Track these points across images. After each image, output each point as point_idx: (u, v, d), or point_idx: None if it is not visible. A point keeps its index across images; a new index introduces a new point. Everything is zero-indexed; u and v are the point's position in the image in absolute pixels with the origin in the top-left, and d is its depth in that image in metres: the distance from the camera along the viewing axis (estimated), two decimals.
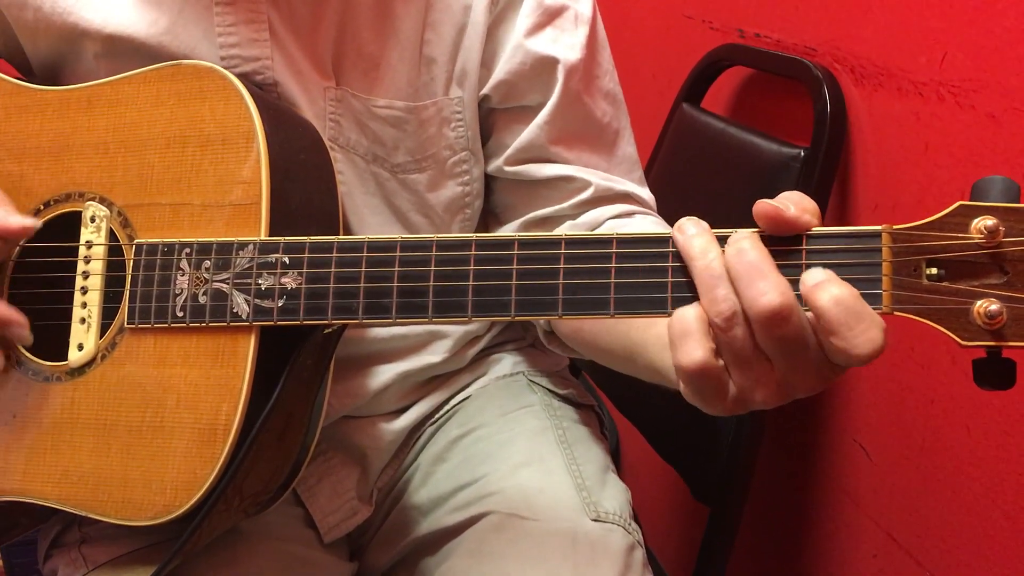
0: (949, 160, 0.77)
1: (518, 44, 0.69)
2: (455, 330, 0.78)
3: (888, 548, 0.88)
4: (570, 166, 0.71)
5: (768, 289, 0.43)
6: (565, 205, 0.71)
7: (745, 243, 0.45)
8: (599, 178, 0.71)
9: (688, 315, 0.45)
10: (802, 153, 0.87)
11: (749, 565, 1.11)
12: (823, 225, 0.47)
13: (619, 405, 1.07)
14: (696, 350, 0.44)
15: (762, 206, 0.46)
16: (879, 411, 0.88)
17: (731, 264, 0.45)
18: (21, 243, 0.64)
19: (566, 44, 0.71)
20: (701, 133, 1.02)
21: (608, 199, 0.72)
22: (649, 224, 0.71)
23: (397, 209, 0.72)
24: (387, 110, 0.69)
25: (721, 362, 0.45)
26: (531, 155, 0.72)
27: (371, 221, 0.72)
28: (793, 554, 1.03)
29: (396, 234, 0.72)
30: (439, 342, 0.78)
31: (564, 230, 0.71)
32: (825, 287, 0.43)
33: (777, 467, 1.04)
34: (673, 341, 0.45)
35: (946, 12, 0.76)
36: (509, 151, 0.72)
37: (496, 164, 0.73)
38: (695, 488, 0.91)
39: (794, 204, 0.46)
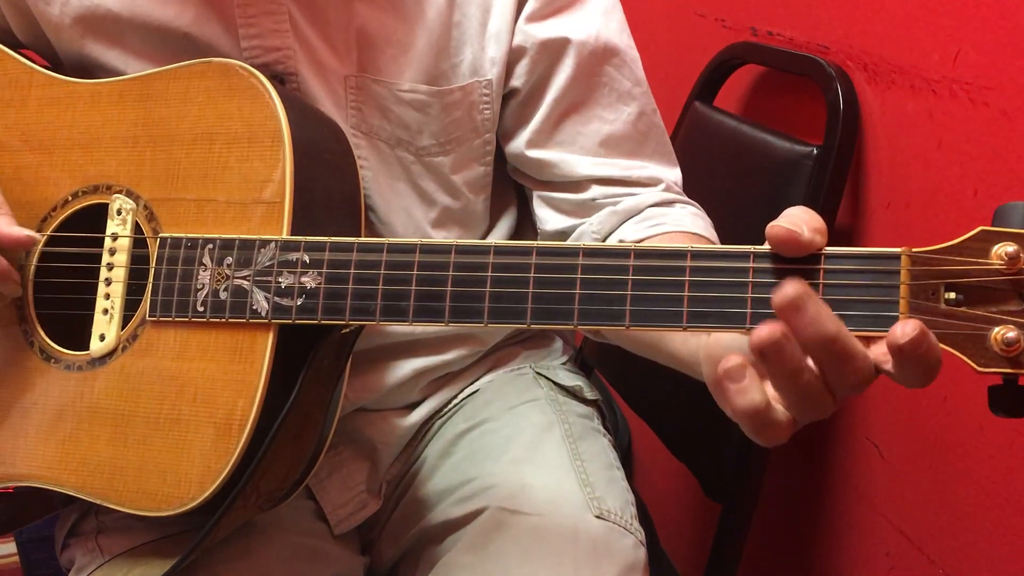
0: (962, 158, 0.76)
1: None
2: (477, 333, 0.79)
3: (901, 546, 0.88)
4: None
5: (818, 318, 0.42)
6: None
7: (788, 287, 0.42)
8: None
9: (737, 361, 0.44)
10: (815, 151, 0.87)
11: (761, 562, 1.11)
12: (834, 223, 0.47)
13: (631, 403, 1.07)
14: (755, 394, 0.43)
15: (776, 230, 0.45)
16: (892, 409, 0.88)
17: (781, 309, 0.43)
18: (47, 233, 0.65)
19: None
20: (714, 131, 1.02)
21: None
22: (688, 216, 0.72)
23: (423, 191, 0.73)
24: (411, 94, 0.69)
25: (774, 397, 0.44)
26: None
27: (397, 204, 0.72)
28: (805, 551, 1.03)
29: (422, 215, 0.73)
30: (461, 344, 0.78)
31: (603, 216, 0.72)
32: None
33: (789, 464, 1.04)
34: (725, 387, 0.44)
35: (959, 9, 0.75)
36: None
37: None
38: (707, 485, 0.92)
39: (806, 224, 0.45)
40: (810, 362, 0.43)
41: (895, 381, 0.44)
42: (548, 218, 0.74)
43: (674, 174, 0.75)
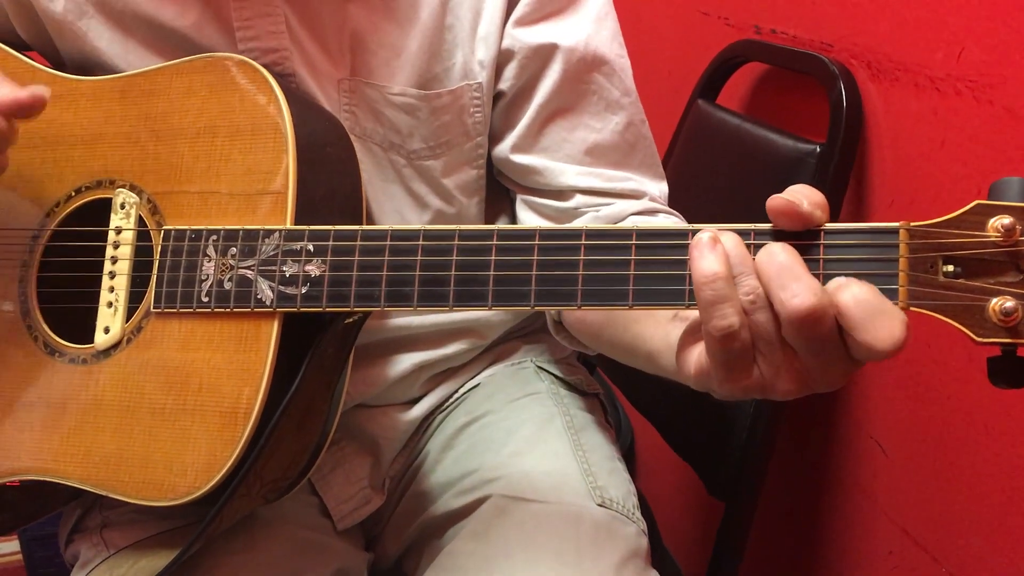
0: (967, 155, 0.77)
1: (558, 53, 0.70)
2: (477, 327, 0.79)
3: (904, 544, 0.88)
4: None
5: (800, 291, 0.44)
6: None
7: (775, 246, 0.46)
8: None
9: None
10: (818, 149, 0.87)
11: (764, 560, 1.11)
12: (838, 221, 0.47)
13: (633, 401, 1.07)
14: (732, 315, 0.45)
15: (775, 201, 0.47)
16: (895, 407, 0.88)
17: (762, 267, 0.45)
18: (51, 228, 0.65)
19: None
20: (717, 129, 1.03)
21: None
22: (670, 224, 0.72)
23: (415, 194, 0.73)
24: (401, 97, 0.69)
25: (750, 334, 0.46)
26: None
27: (390, 207, 0.73)
28: (808, 550, 1.03)
29: (416, 218, 0.73)
30: (460, 338, 0.78)
31: (585, 221, 0.72)
32: (847, 287, 0.44)
33: (792, 462, 1.04)
34: (706, 307, 0.46)
35: (963, 7, 0.76)
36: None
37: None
38: (709, 484, 0.92)
39: (806, 199, 0.46)
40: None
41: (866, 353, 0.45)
42: (530, 223, 0.74)
43: (659, 188, 0.75)
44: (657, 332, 0.57)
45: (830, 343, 0.45)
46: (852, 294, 0.44)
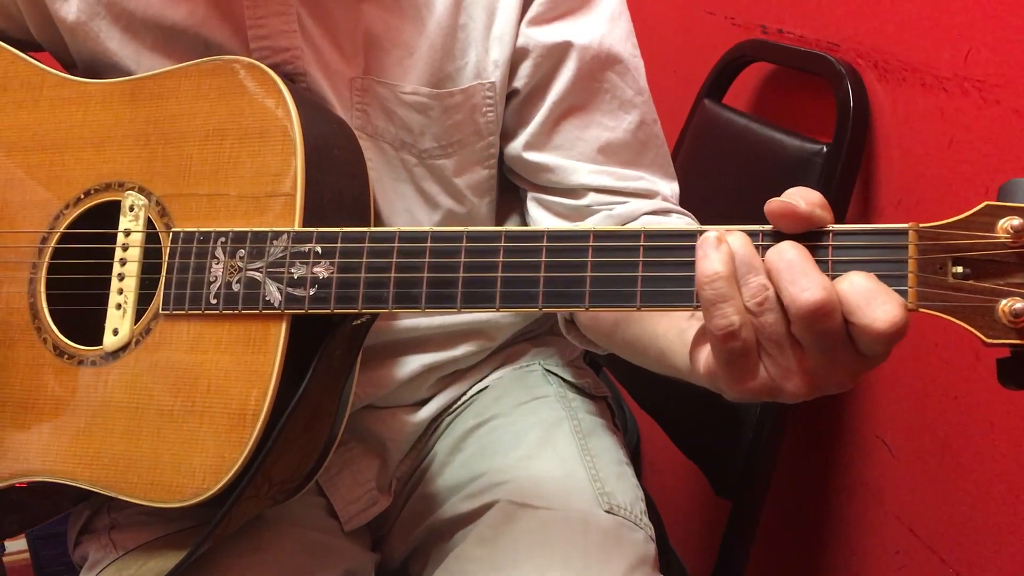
0: (973, 156, 0.76)
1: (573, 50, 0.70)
2: (485, 328, 0.79)
3: (910, 544, 0.88)
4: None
5: (810, 285, 0.44)
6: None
7: (785, 244, 0.46)
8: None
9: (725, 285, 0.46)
10: (825, 149, 0.87)
11: (771, 560, 1.11)
12: (844, 221, 0.47)
13: (640, 400, 1.07)
14: (732, 314, 0.45)
15: (772, 204, 0.47)
16: (902, 407, 0.88)
17: (771, 264, 0.46)
18: (60, 230, 0.65)
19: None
20: (723, 129, 1.03)
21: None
22: (683, 225, 0.71)
23: (426, 194, 0.73)
24: (413, 96, 0.70)
25: (753, 335, 0.46)
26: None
27: (401, 207, 0.73)
28: (815, 550, 1.03)
29: (426, 218, 0.73)
30: (469, 339, 0.78)
31: (598, 220, 0.72)
32: (846, 276, 0.45)
33: (799, 462, 1.03)
34: (707, 307, 0.46)
35: (970, 7, 0.75)
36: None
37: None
38: (716, 483, 0.92)
39: (802, 199, 0.46)
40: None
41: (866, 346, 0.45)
42: (542, 219, 0.74)
43: (671, 187, 0.75)
44: (672, 330, 0.57)
45: (839, 338, 0.45)
46: (850, 281, 0.44)
